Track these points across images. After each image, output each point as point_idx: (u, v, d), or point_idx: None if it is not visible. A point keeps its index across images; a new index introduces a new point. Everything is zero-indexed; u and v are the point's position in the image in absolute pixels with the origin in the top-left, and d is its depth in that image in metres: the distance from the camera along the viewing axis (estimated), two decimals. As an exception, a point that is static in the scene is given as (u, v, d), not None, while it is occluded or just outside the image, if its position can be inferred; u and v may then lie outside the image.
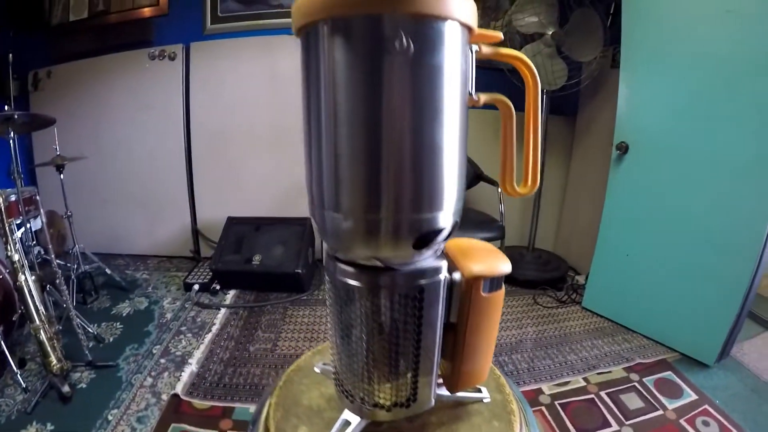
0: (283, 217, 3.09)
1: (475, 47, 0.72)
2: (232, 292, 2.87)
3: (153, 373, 2.09)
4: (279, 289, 2.87)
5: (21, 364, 2.06)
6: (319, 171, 0.72)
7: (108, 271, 2.83)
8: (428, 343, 0.78)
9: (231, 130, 3.16)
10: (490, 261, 0.80)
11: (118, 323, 2.51)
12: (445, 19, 0.63)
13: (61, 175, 2.58)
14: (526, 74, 0.80)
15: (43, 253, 2.42)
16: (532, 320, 2.81)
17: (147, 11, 3.14)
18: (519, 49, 2.76)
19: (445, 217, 0.71)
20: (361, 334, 0.77)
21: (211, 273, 2.86)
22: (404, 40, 0.61)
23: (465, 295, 0.78)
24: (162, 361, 2.19)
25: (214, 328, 2.48)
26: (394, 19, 0.61)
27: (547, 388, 2.15)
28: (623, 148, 2.53)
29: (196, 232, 3.31)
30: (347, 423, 0.85)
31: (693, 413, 2.07)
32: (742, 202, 2.11)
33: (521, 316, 2.86)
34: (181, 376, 2.07)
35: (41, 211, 2.41)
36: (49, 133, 2.49)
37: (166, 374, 2.09)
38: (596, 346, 2.51)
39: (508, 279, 2.80)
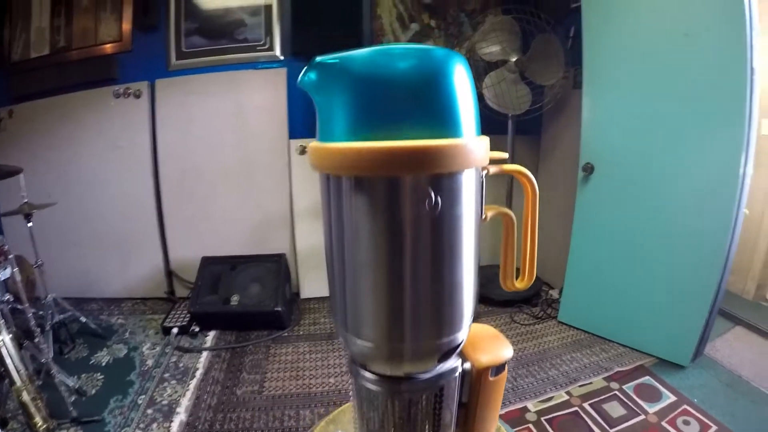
0: (257, 255, 3.12)
1: (484, 171, 0.79)
2: (211, 334, 2.86)
3: (141, 425, 2.07)
4: (259, 327, 2.88)
5: (3, 424, 2.01)
6: (342, 299, 0.77)
7: (83, 319, 2.77)
8: (445, 422, 0.88)
9: (200, 167, 3.17)
10: (495, 350, 0.91)
11: (98, 374, 2.46)
12: (467, 168, 0.69)
13: (30, 223, 2.49)
14: (526, 184, 0.87)
15: (12, 300, 2.35)
16: (511, 339, 2.89)
17: (110, 47, 3.12)
18: (483, 75, 2.92)
19: (464, 332, 0.80)
20: (384, 424, 0.85)
21: (189, 315, 2.85)
22: (434, 199, 0.66)
23: (476, 381, 0.89)
24: (149, 411, 2.17)
25: (198, 373, 2.47)
26: (427, 180, 0.66)
27: (532, 406, 2.25)
28: (589, 169, 2.68)
29: (169, 273, 3.29)
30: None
31: (673, 414, 2.21)
32: (706, 206, 2.29)
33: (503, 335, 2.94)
34: (170, 426, 2.07)
35: (11, 259, 2.35)
36: (15, 177, 2.42)
37: (155, 426, 2.07)
38: (575, 359, 2.64)
39: (484, 300, 2.93)
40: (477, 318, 2.95)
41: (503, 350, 0.91)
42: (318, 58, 0.69)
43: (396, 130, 0.64)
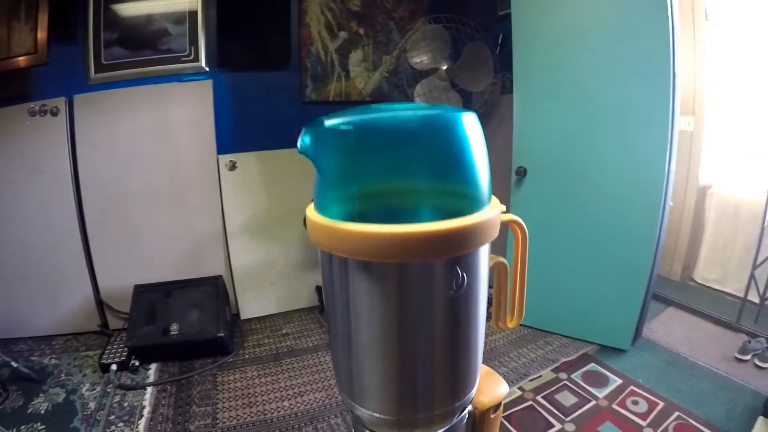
0: (192, 279, 2.99)
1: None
2: (153, 367, 2.70)
3: (93, 475, 1.96)
4: (203, 355, 2.76)
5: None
6: (347, 371, 0.72)
7: (14, 363, 2.54)
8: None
9: (126, 188, 2.99)
10: (494, 389, 0.94)
11: (38, 423, 2.26)
12: (488, 241, 0.66)
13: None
14: (517, 232, 0.88)
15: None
16: None
17: (23, 60, 2.83)
18: (414, 84, 2.99)
19: (476, 387, 0.79)
20: None
21: (126, 349, 2.68)
22: (462, 279, 0.62)
23: (479, 422, 0.91)
24: (100, 459, 2.05)
25: (146, 411, 2.34)
26: (451, 261, 0.62)
27: None
28: (522, 172, 2.80)
29: (100, 304, 3.10)
30: None
31: (622, 396, 2.38)
32: (636, 201, 2.47)
33: None
34: (125, 472, 1.97)
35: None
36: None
37: (108, 473, 1.96)
38: (522, 354, 2.76)
39: None
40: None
41: (500, 387, 0.95)
42: (327, 123, 0.62)
43: (415, 212, 0.61)
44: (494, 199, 0.71)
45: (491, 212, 0.64)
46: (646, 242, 2.49)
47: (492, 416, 0.92)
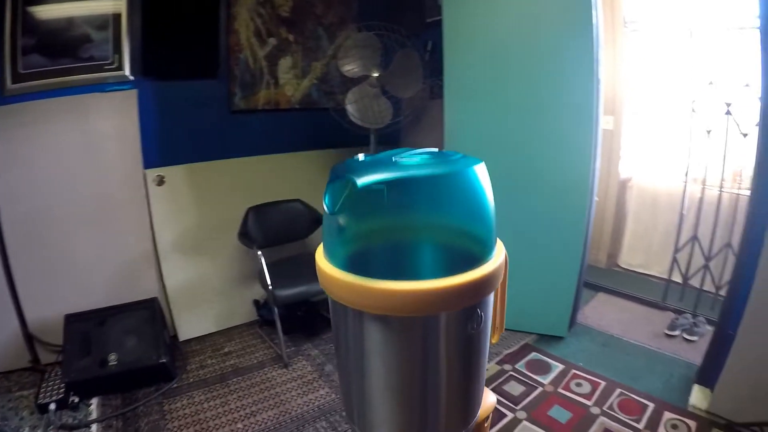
0: (126, 303, 2.83)
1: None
2: (94, 401, 2.54)
3: None
4: (145, 384, 2.63)
5: None
6: (360, 407, 0.74)
7: None
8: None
9: (49, 208, 2.78)
10: (485, 401, 0.94)
11: None
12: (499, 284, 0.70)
13: None
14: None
15: None
16: None
17: None
18: (345, 92, 3.05)
19: (479, 410, 0.83)
20: None
21: (64, 385, 2.53)
22: (480, 319, 0.66)
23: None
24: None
25: (93, 450, 2.24)
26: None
27: None
28: None
29: (29, 338, 2.90)
30: None
31: (566, 380, 2.56)
32: (566, 199, 2.64)
33: None
34: None
35: None
36: None
37: None
38: None
39: None
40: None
41: (489, 398, 0.95)
42: (359, 182, 0.59)
43: (437, 264, 0.62)
44: (498, 241, 0.72)
45: (502, 254, 0.68)
46: (576, 234, 2.68)
47: (485, 425, 0.96)
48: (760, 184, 2.21)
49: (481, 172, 0.65)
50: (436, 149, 0.70)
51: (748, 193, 2.92)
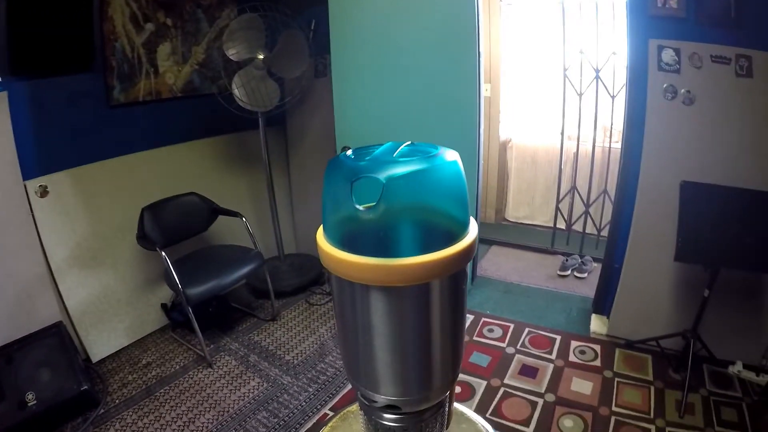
0: (29, 334, 2.53)
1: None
2: None
3: None
4: (71, 417, 2.44)
5: None
6: (368, 372, 0.83)
7: None
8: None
9: None
10: None
11: None
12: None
13: None
14: None
15: None
16: (318, 321, 3.21)
17: None
18: (231, 76, 3.00)
19: None
20: None
21: None
22: (466, 276, 0.79)
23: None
24: None
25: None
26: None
27: None
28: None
29: None
30: None
31: (478, 328, 2.97)
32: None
33: (307, 322, 3.22)
34: None
35: None
36: None
37: None
38: None
39: (279, 294, 3.20)
40: (279, 314, 3.10)
41: None
42: (392, 177, 0.67)
43: (433, 239, 0.71)
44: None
45: (476, 227, 0.79)
46: (469, 195, 2.95)
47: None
48: (629, 137, 2.64)
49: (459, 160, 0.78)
50: (409, 141, 0.80)
51: (618, 145, 3.45)
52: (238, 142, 3.58)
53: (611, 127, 3.57)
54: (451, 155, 0.76)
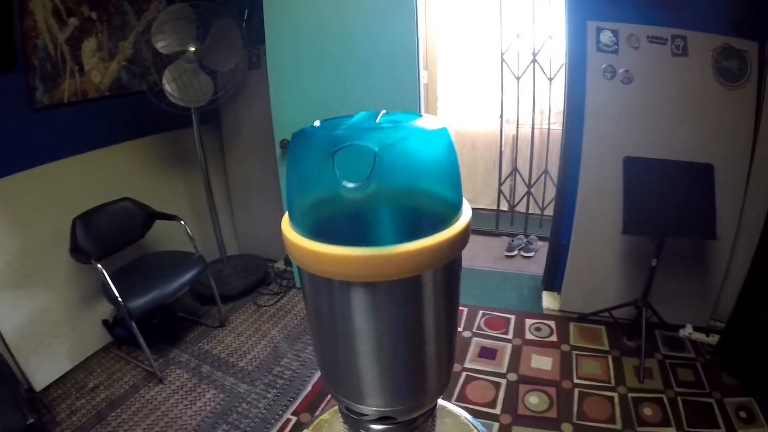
0: None
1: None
2: None
3: None
4: None
5: None
6: (351, 381, 0.74)
7: None
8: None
9: None
10: None
11: None
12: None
13: None
14: None
15: None
16: (269, 323, 3.18)
17: None
18: (161, 71, 2.87)
19: None
20: None
21: None
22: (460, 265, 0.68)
23: None
24: None
25: None
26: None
27: None
28: (285, 145, 3.01)
29: None
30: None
31: None
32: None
33: (257, 325, 3.17)
34: None
35: None
36: None
37: None
38: None
39: (225, 299, 3.14)
40: (227, 319, 2.96)
41: None
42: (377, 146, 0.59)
43: (421, 227, 0.59)
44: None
45: (469, 210, 0.75)
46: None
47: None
48: (570, 116, 2.79)
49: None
50: (384, 111, 0.72)
51: (557, 127, 3.62)
52: (171, 142, 3.42)
53: (549, 110, 3.74)
54: (438, 121, 0.60)
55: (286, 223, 0.63)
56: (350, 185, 0.56)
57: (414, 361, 0.71)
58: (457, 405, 1.25)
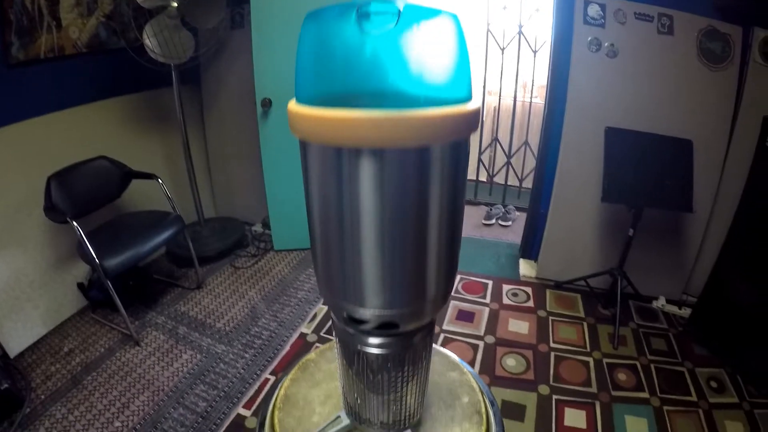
0: None
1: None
2: None
3: None
4: None
5: None
6: (355, 280, 0.77)
7: None
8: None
9: None
10: None
11: None
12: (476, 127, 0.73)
13: None
14: None
15: None
16: (246, 285, 3.21)
17: None
18: (142, 27, 2.79)
19: None
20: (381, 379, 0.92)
21: None
22: (468, 150, 0.75)
23: None
24: None
25: None
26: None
27: (306, 328, 2.76)
28: (267, 104, 3.02)
29: None
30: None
31: None
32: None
33: (234, 287, 3.20)
34: None
35: None
36: None
37: None
38: (310, 275, 3.20)
39: (203, 261, 3.17)
40: (204, 281, 3.02)
41: None
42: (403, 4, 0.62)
43: (426, 98, 0.63)
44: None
45: (479, 98, 0.79)
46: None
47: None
48: (554, 86, 2.84)
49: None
50: None
51: (538, 100, 3.67)
52: (150, 101, 3.35)
53: (533, 83, 3.78)
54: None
55: (294, 105, 0.69)
56: (377, 32, 0.60)
57: (417, 255, 0.74)
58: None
